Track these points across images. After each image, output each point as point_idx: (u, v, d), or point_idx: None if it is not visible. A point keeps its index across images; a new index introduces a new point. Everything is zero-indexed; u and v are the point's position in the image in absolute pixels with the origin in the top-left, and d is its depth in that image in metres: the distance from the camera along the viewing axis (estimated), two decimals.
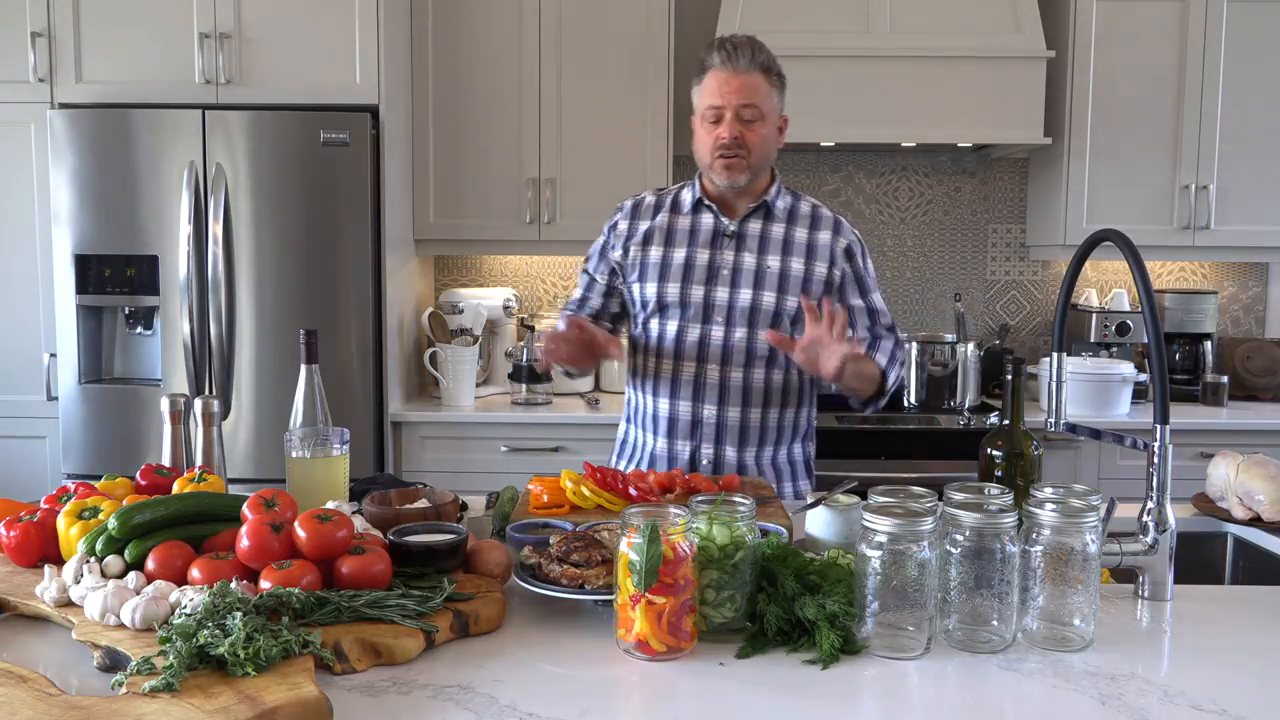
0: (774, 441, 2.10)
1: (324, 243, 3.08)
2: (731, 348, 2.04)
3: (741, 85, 1.95)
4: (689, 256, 2.05)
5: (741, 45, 1.96)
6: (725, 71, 1.96)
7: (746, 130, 1.97)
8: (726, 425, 2.05)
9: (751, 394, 2.05)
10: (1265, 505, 1.78)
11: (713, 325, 2.04)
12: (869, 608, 1.22)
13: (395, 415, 3.22)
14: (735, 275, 2.04)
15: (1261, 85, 3.37)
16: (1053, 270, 3.83)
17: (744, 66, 1.95)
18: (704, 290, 2.04)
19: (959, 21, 3.27)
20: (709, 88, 1.98)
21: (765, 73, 1.97)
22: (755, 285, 2.03)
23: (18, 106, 3.14)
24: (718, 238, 2.06)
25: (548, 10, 3.36)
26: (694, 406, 2.06)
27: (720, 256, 2.05)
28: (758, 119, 1.97)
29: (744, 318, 2.03)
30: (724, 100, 1.96)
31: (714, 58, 1.97)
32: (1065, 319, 1.62)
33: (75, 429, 3.13)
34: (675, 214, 2.10)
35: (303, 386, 1.64)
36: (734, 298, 2.03)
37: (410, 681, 1.13)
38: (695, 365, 2.04)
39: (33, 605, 1.29)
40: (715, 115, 1.98)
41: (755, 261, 2.04)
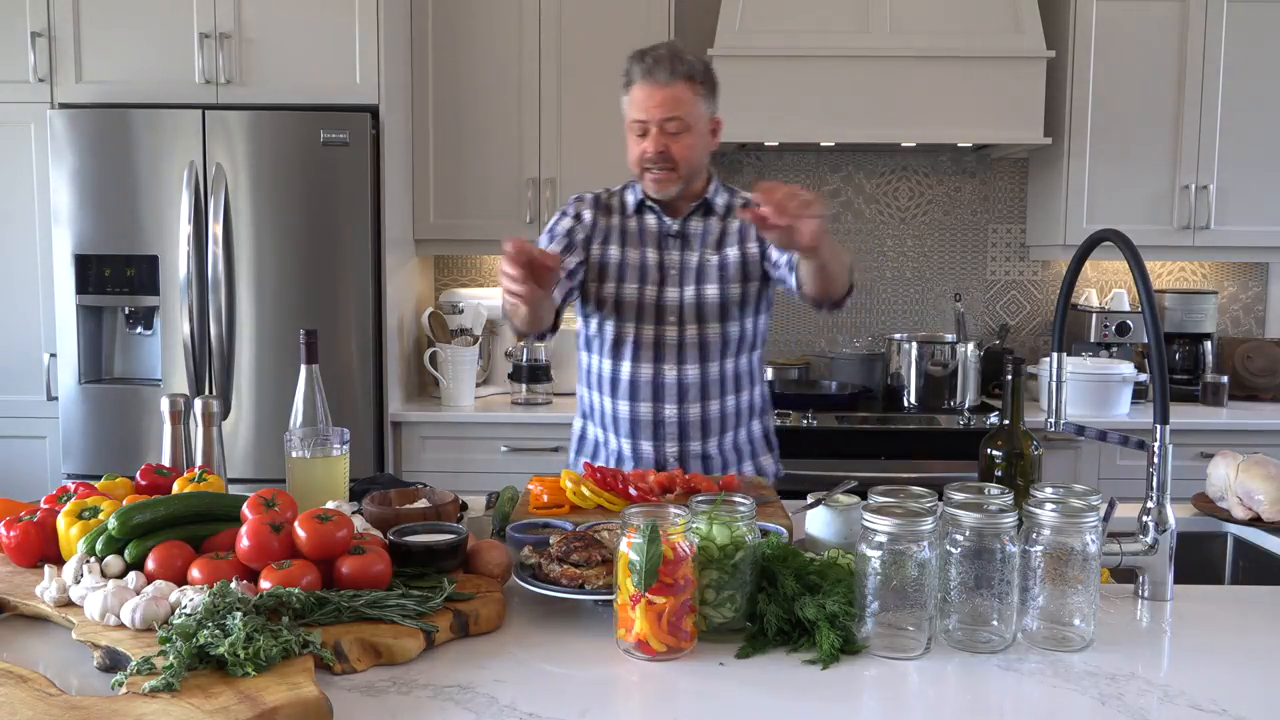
0: (734, 426, 2.14)
1: (324, 243, 3.08)
2: (687, 345, 2.06)
3: (664, 99, 1.94)
4: (640, 258, 2.08)
5: (662, 59, 1.95)
6: (648, 85, 1.95)
7: (672, 142, 1.97)
8: (689, 421, 2.08)
9: (709, 388, 2.09)
10: (1265, 505, 1.78)
11: (666, 325, 2.06)
12: (869, 608, 1.22)
13: (395, 415, 3.22)
14: (683, 274, 2.07)
15: (1261, 85, 3.37)
16: (1053, 270, 3.83)
17: (665, 79, 1.94)
18: (656, 291, 2.06)
19: (959, 21, 3.27)
20: (634, 100, 1.98)
21: (689, 82, 1.96)
22: (699, 280, 2.06)
23: (18, 106, 3.14)
24: (663, 238, 2.09)
25: (548, 10, 3.36)
26: (655, 407, 2.08)
27: (667, 257, 2.08)
28: (683, 130, 1.97)
29: (694, 314, 2.06)
30: (648, 115, 1.96)
31: (635, 71, 1.97)
32: (1065, 319, 1.62)
33: (75, 429, 3.13)
34: (622, 215, 2.11)
35: (303, 386, 1.64)
36: (684, 296, 2.06)
37: (410, 681, 1.13)
38: (653, 366, 2.07)
39: (33, 605, 1.29)
40: (641, 129, 1.98)
41: (698, 258, 2.07)
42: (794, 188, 1.66)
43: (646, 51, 1.98)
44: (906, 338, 3.45)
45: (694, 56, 2.00)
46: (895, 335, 3.51)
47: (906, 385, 3.41)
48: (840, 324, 3.82)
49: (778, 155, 3.78)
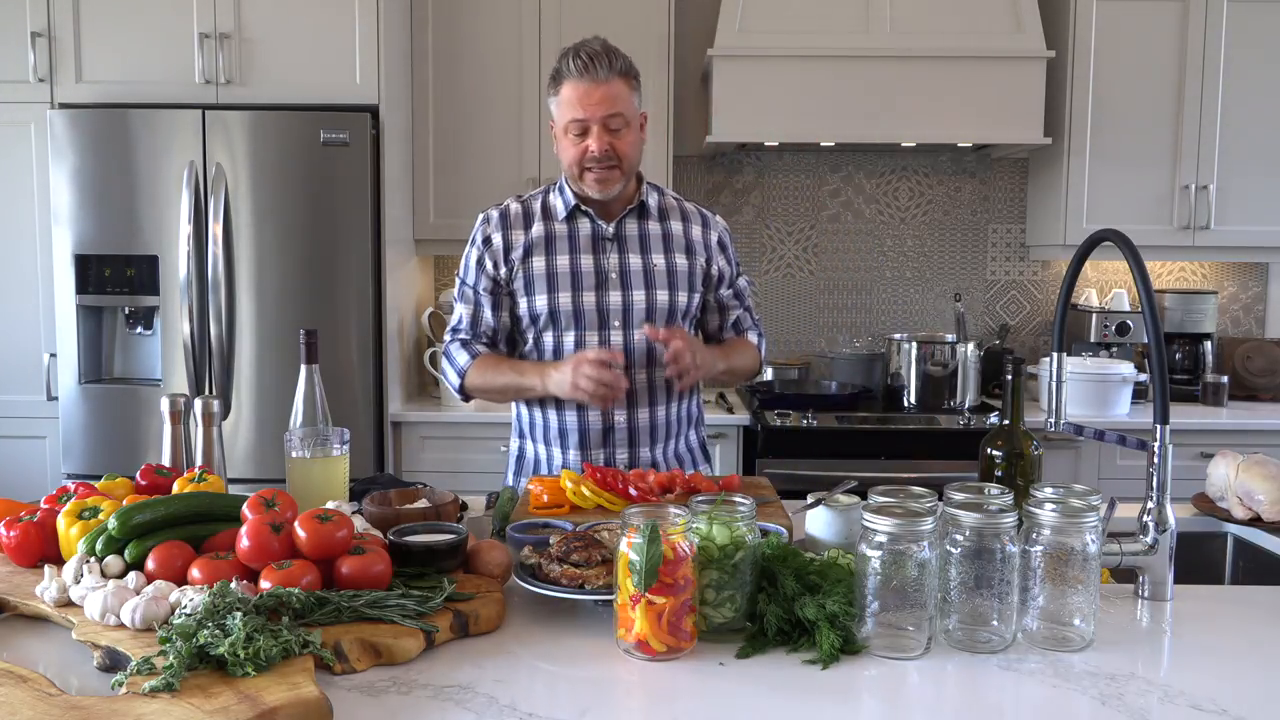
0: (677, 434, 2.12)
1: (324, 243, 3.08)
2: (634, 350, 2.02)
3: (604, 96, 1.90)
4: (574, 264, 2.02)
5: (598, 55, 1.91)
6: (586, 83, 1.90)
7: (616, 140, 1.94)
8: (638, 427, 2.05)
9: (656, 392, 2.05)
10: (1265, 505, 1.78)
11: (610, 330, 2.02)
12: (869, 608, 1.22)
13: (395, 415, 3.22)
14: (624, 277, 2.03)
15: (1261, 85, 3.37)
16: (1053, 270, 3.83)
17: (604, 76, 1.90)
18: (595, 296, 2.02)
19: (959, 21, 3.27)
20: (569, 99, 1.92)
21: (625, 78, 1.93)
22: (647, 285, 2.03)
23: (18, 106, 3.14)
24: (598, 241, 2.04)
25: (548, 11, 3.36)
26: (605, 414, 2.03)
27: (605, 260, 2.03)
28: (624, 127, 1.94)
29: (640, 319, 2.02)
30: (588, 113, 1.91)
31: (570, 68, 1.92)
32: (1065, 319, 1.62)
33: (75, 429, 3.13)
34: (549, 221, 2.05)
35: (303, 386, 1.64)
36: (628, 299, 2.02)
37: (410, 681, 1.13)
38: None
39: (33, 605, 1.29)
40: (580, 128, 1.93)
41: (640, 261, 2.04)
42: (673, 349, 1.88)
43: (579, 48, 1.93)
44: (906, 338, 3.45)
45: (616, 50, 1.95)
46: (895, 335, 3.51)
47: (906, 385, 3.41)
48: (840, 324, 3.83)
49: (778, 155, 3.78)
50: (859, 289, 3.83)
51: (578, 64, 1.90)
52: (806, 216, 3.80)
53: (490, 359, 2.06)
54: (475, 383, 2.05)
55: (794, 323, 3.84)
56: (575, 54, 1.92)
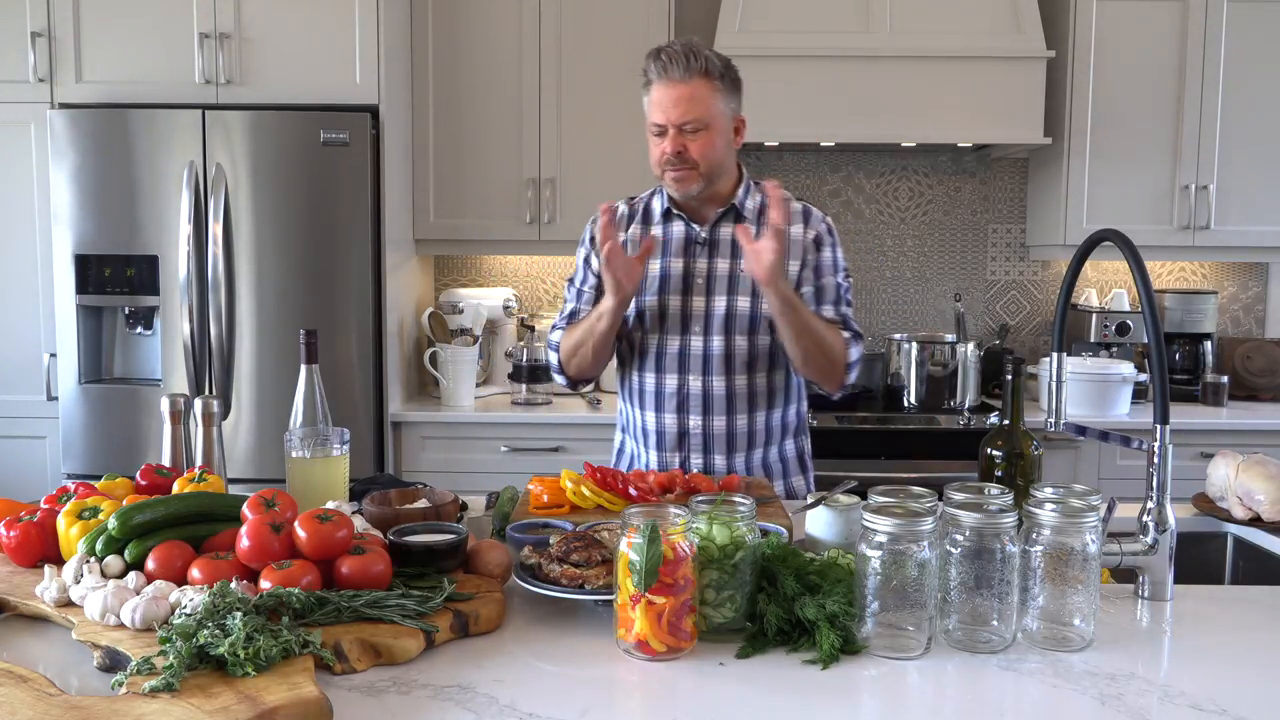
0: (763, 444, 2.08)
1: (324, 243, 3.08)
2: (712, 356, 2.01)
3: (679, 97, 1.89)
4: (664, 267, 2.02)
5: (676, 56, 1.89)
6: (663, 85, 1.91)
7: (690, 142, 1.92)
8: (713, 435, 2.03)
9: (735, 400, 2.03)
10: (1265, 505, 1.78)
11: (691, 335, 2.01)
12: (869, 608, 1.22)
13: (395, 415, 3.22)
14: (710, 283, 2.01)
15: (1261, 85, 3.37)
16: (1053, 270, 3.83)
17: (680, 76, 1.89)
18: (680, 300, 2.01)
19: (959, 21, 3.27)
20: (652, 101, 1.94)
21: (707, 78, 1.90)
22: (730, 291, 2.00)
23: (18, 106, 3.14)
24: (690, 245, 2.03)
25: (548, 10, 3.36)
26: (679, 418, 2.03)
27: (694, 265, 2.02)
28: (702, 129, 1.92)
29: (721, 325, 2.00)
30: (665, 115, 1.91)
31: (652, 69, 1.92)
32: (1065, 319, 1.62)
33: (75, 429, 3.13)
34: (647, 224, 2.07)
35: (303, 386, 1.64)
36: (710, 306, 2.01)
37: (410, 681, 1.13)
38: (678, 377, 2.02)
39: (33, 605, 1.29)
40: (659, 130, 1.94)
41: (729, 266, 2.01)
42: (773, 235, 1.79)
43: (662, 49, 1.92)
44: (906, 338, 3.45)
45: (713, 52, 1.93)
46: (895, 335, 3.51)
47: (906, 385, 3.41)
48: None
49: (778, 155, 3.78)
50: (859, 289, 3.83)
51: (657, 65, 1.91)
52: None
53: (571, 327, 2.07)
54: (565, 350, 2.06)
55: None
56: (657, 55, 1.91)
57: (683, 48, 1.91)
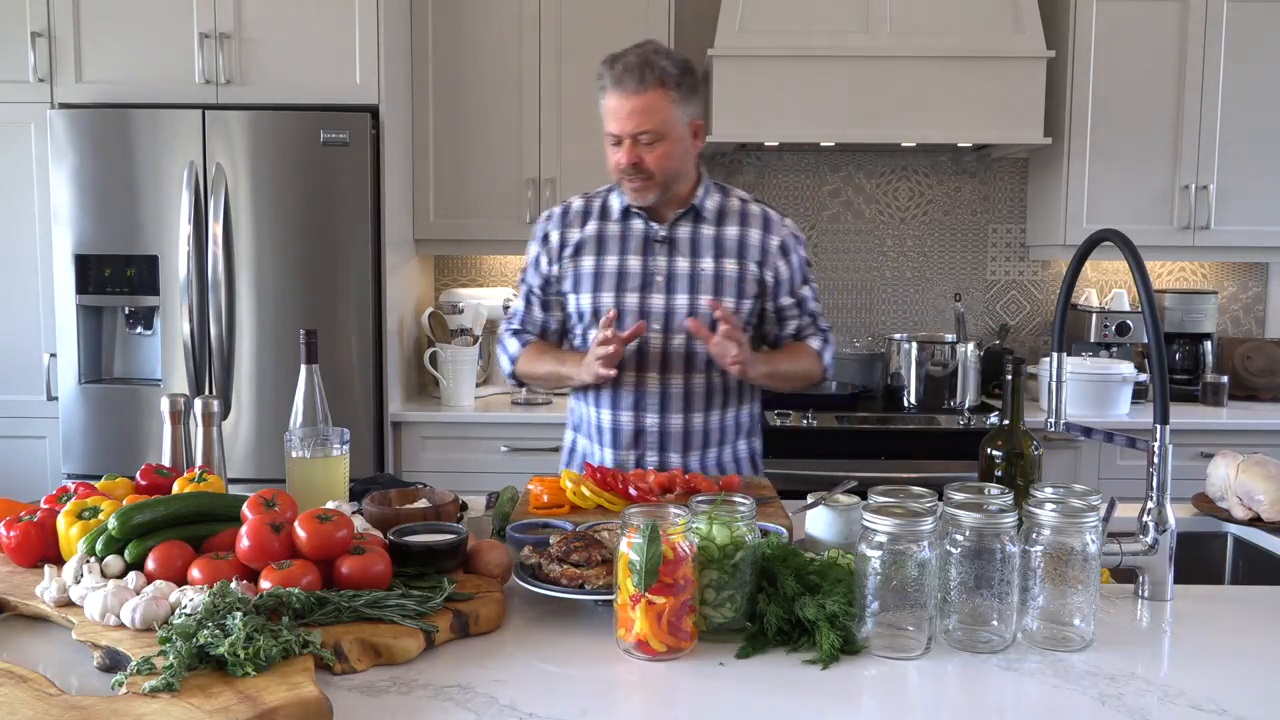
0: (718, 443, 2.09)
1: (324, 243, 3.08)
2: (671, 354, 2.01)
3: (634, 109, 1.88)
4: (622, 264, 2.02)
5: (631, 67, 1.87)
6: (619, 95, 1.89)
7: (646, 153, 1.91)
8: (670, 432, 2.03)
9: (693, 399, 2.03)
10: (1265, 505, 1.78)
11: (650, 333, 2.01)
12: (869, 608, 1.22)
13: (395, 415, 3.22)
14: (670, 281, 2.01)
15: (1261, 85, 3.37)
16: (1053, 270, 3.83)
17: (634, 88, 1.87)
18: (639, 298, 2.01)
19: (959, 21, 3.27)
20: (608, 109, 1.92)
21: (663, 88, 1.88)
22: (691, 290, 2.00)
23: (18, 106, 3.14)
24: (649, 243, 2.03)
25: (548, 10, 3.36)
26: (636, 416, 2.03)
27: (653, 263, 2.02)
28: (657, 139, 1.91)
29: (683, 323, 2.00)
30: (620, 127, 1.90)
31: (606, 78, 1.90)
32: (1065, 319, 1.62)
33: (75, 429, 3.13)
34: (605, 221, 2.06)
35: (303, 386, 1.64)
36: (670, 304, 2.01)
37: (410, 681, 1.13)
38: (635, 374, 2.02)
39: (33, 605, 1.29)
40: (614, 140, 1.93)
41: (689, 265, 2.01)
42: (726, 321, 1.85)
43: (618, 57, 1.90)
44: (906, 338, 3.45)
45: (668, 59, 1.90)
46: (895, 335, 3.51)
47: (906, 385, 3.41)
48: (840, 324, 3.82)
49: (778, 155, 3.78)
50: (859, 289, 3.83)
51: (612, 75, 1.89)
52: (806, 216, 3.80)
53: (537, 347, 2.10)
54: (524, 369, 2.11)
55: None
56: (612, 63, 1.89)
57: (638, 58, 1.88)
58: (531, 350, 2.10)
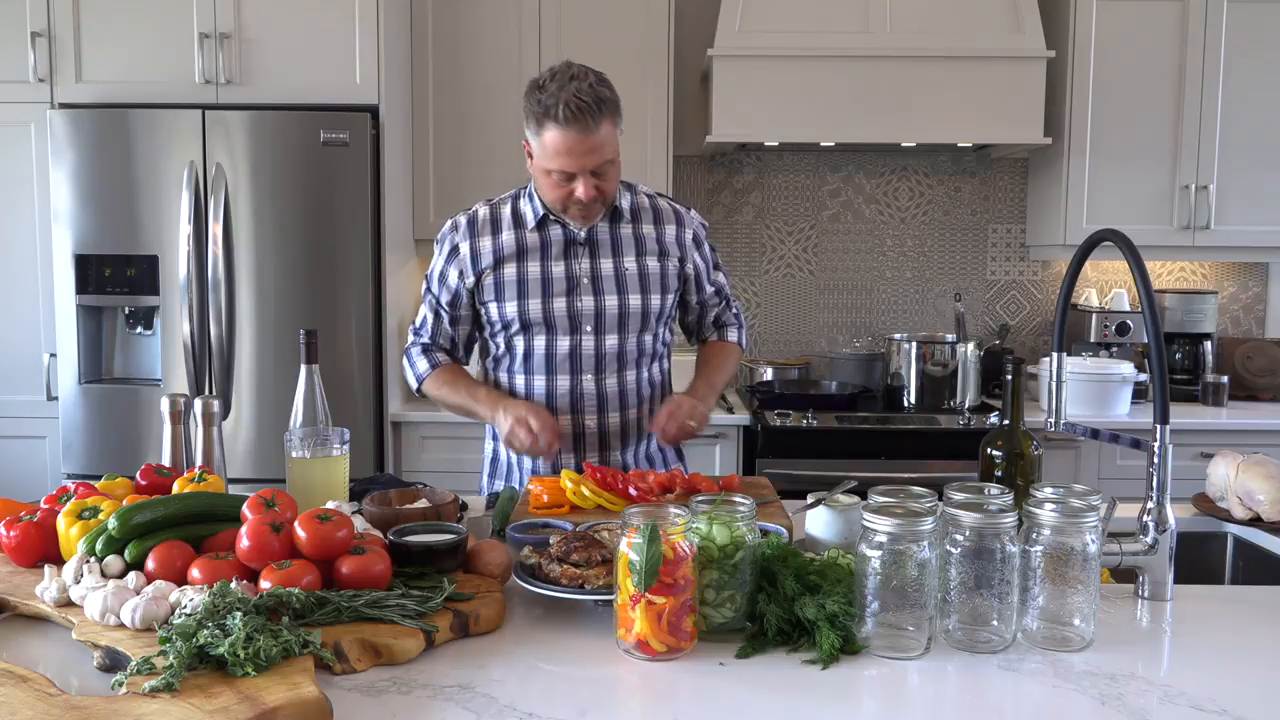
0: (648, 436, 2.09)
1: (324, 243, 3.08)
2: (605, 355, 2.01)
3: (591, 147, 1.83)
4: (545, 270, 1.99)
5: (587, 108, 1.79)
6: (573, 135, 1.81)
7: (602, 183, 1.89)
8: (609, 431, 2.03)
9: (627, 397, 2.04)
10: (1265, 505, 1.77)
11: (582, 335, 2.00)
12: (869, 608, 1.22)
13: (395, 415, 3.22)
14: (597, 282, 2.00)
15: (1261, 85, 3.37)
16: (1053, 270, 3.83)
17: (590, 125, 1.80)
18: (566, 301, 1.99)
19: (959, 21, 3.27)
20: (554, 148, 1.84)
21: (610, 118, 1.84)
22: (620, 290, 2.00)
23: (18, 106, 3.14)
24: (570, 246, 2.00)
25: (547, 10, 3.36)
26: (574, 418, 2.02)
27: (577, 265, 2.00)
28: (610, 166, 1.89)
29: (615, 324, 2.00)
30: (576, 164, 1.84)
31: (559, 116, 1.80)
32: (1065, 319, 1.62)
33: (75, 429, 3.13)
34: (519, 229, 2.02)
35: (303, 386, 1.64)
36: (600, 304, 2.00)
37: (410, 681, 1.13)
38: (570, 377, 2.01)
39: (33, 605, 1.29)
40: (566, 176, 1.87)
41: (613, 265, 2.01)
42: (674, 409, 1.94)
43: (566, 97, 1.79)
44: (906, 338, 3.45)
45: (605, 86, 1.85)
46: (895, 335, 3.51)
47: (906, 385, 3.41)
48: (840, 324, 3.83)
49: (778, 155, 3.78)
50: (859, 289, 3.83)
51: (566, 113, 1.79)
52: (806, 216, 3.80)
53: (449, 372, 2.07)
54: (431, 392, 2.09)
55: (794, 323, 3.84)
56: (563, 103, 1.79)
57: (591, 96, 1.81)
58: (443, 375, 2.07)
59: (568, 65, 1.88)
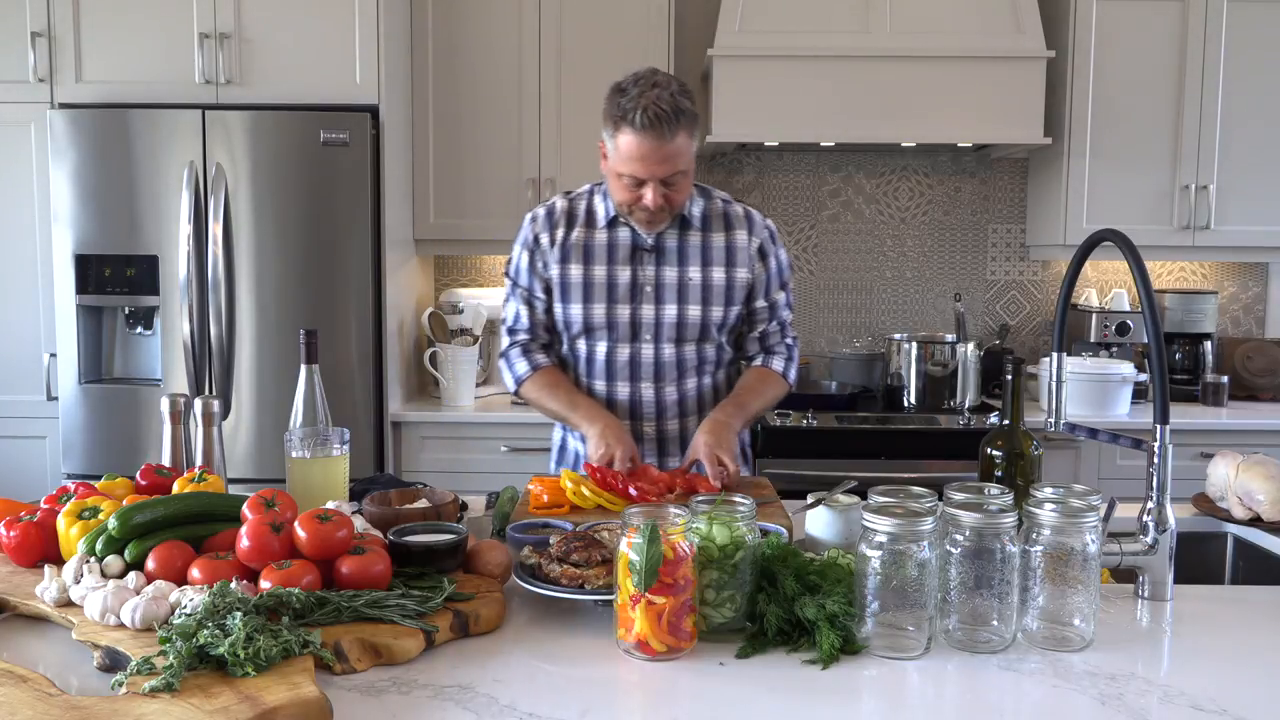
0: None
1: (324, 243, 3.08)
2: (664, 364, 2.02)
3: (665, 155, 1.82)
4: (610, 275, 2.00)
5: (666, 116, 1.79)
6: (650, 142, 1.80)
7: (671, 192, 1.89)
8: (667, 438, 2.05)
9: (687, 404, 2.05)
10: (1265, 505, 1.78)
11: (642, 343, 2.01)
12: (869, 608, 1.22)
13: (395, 415, 3.22)
14: (659, 291, 2.01)
15: (1261, 85, 3.37)
16: (1053, 270, 3.83)
17: (666, 134, 1.80)
18: (629, 309, 2.00)
19: (959, 21, 3.27)
20: (628, 152, 1.83)
21: (687, 129, 1.84)
22: (680, 300, 2.00)
23: (18, 106, 3.14)
24: (637, 253, 2.01)
25: (547, 10, 3.36)
26: (633, 424, 2.04)
27: (642, 272, 2.01)
28: (681, 177, 1.89)
29: (672, 333, 2.01)
30: (647, 171, 1.84)
31: (636, 121, 1.79)
32: (1065, 319, 1.62)
33: (75, 429, 3.13)
34: (590, 228, 2.02)
35: (303, 386, 1.64)
36: (660, 314, 2.01)
37: (410, 681, 1.13)
38: (630, 385, 2.03)
39: (33, 605, 1.29)
40: (636, 182, 1.87)
41: (677, 274, 2.01)
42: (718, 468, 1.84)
43: (647, 103, 1.79)
44: (906, 338, 3.45)
45: (685, 97, 1.84)
46: (895, 335, 3.51)
47: (906, 385, 3.41)
48: (840, 324, 3.83)
49: (777, 155, 3.78)
50: (859, 289, 3.83)
51: (643, 119, 1.79)
52: (806, 216, 3.80)
53: (549, 375, 2.05)
54: (530, 395, 2.07)
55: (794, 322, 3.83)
56: (642, 109, 1.79)
57: (671, 105, 1.81)
58: (544, 378, 2.05)
59: (652, 72, 1.87)
